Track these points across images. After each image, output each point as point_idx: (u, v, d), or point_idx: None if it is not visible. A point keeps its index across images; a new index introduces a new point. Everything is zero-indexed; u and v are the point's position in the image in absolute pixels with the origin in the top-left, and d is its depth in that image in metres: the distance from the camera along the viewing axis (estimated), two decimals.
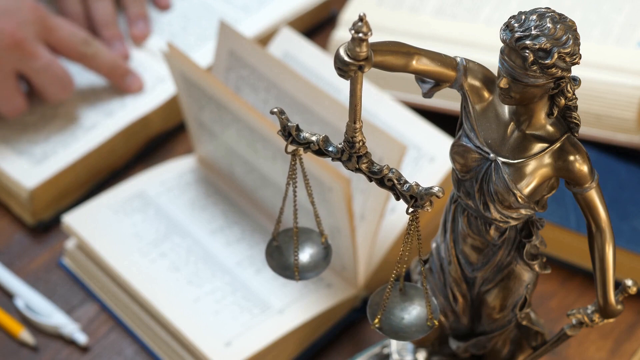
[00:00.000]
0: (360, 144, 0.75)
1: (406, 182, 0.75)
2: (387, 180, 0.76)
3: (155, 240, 1.10)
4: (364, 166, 0.76)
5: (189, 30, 1.27)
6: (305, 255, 0.86)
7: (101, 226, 1.11)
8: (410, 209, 0.76)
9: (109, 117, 1.19)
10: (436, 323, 0.80)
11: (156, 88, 1.22)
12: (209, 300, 1.05)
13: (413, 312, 0.81)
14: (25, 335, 1.07)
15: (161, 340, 1.05)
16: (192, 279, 1.07)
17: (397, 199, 0.76)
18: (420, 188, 0.75)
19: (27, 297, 1.09)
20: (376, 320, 0.80)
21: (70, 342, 1.07)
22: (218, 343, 1.02)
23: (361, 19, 0.68)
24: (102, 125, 1.18)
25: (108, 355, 1.06)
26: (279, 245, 0.86)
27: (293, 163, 0.80)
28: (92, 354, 1.07)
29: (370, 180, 0.77)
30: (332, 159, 0.77)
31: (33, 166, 1.15)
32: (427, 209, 0.75)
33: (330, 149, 0.77)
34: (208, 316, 1.04)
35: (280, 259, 0.85)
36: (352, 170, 0.77)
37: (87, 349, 1.07)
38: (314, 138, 0.77)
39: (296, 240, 0.85)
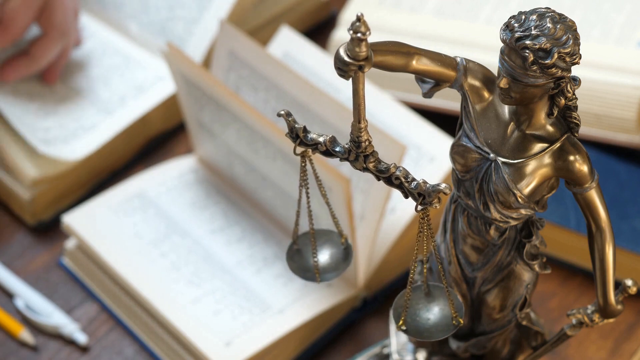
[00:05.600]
0: (367, 143, 0.76)
1: (413, 179, 0.76)
2: (395, 179, 0.76)
3: (155, 240, 1.10)
4: (371, 165, 0.77)
5: (175, 20, 1.25)
6: (325, 256, 0.86)
7: (101, 226, 1.11)
8: (420, 207, 0.76)
9: (109, 117, 1.19)
10: (461, 322, 0.80)
11: (156, 86, 1.21)
12: (209, 300, 1.05)
13: (438, 312, 0.81)
14: (25, 335, 1.07)
15: (161, 340, 1.05)
16: (192, 279, 1.07)
17: (406, 197, 0.76)
18: (427, 185, 0.75)
19: (27, 297, 1.09)
20: (401, 322, 0.80)
21: (70, 342, 1.07)
22: (218, 343, 1.02)
23: (359, 19, 0.68)
24: (102, 125, 1.18)
25: (108, 355, 1.06)
26: (300, 248, 0.86)
27: (303, 164, 0.80)
28: (92, 354, 1.07)
29: (378, 179, 0.77)
30: (340, 159, 0.77)
31: (33, 166, 1.15)
32: (436, 206, 0.75)
33: (337, 149, 0.77)
34: (208, 316, 1.04)
35: (301, 261, 0.86)
36: (359, 170, 0.77)
37: (87, 349, 1.07)
38: (321, 139, 0.77)
39: (313, 241, 0.85)
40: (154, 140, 1.23)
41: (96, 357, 1.06)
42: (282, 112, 0.77)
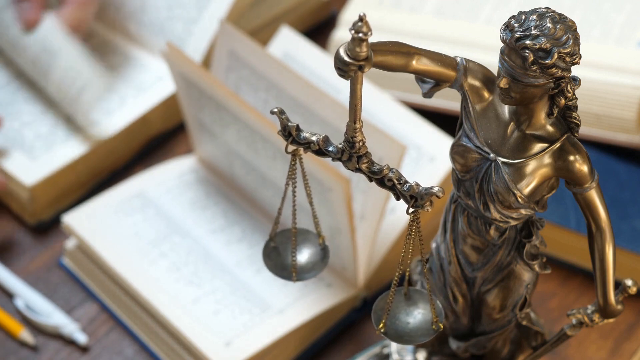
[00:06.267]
0: (361, 144, 0.76)
1: (406, 182, 0.75)
2: (387, 180, 0.76)
3: (155, 240, 1.10)
4: (364, 166, 0.76)
5: (174, 20, 1.25)
6: (303, 256, 0.86)
7: (101, 226, 1.11)
8: (411, 209, 0.76)
9: (109, 116, 1.19)
10: (441, 327, 0.80)
11: (156, 86, 1.21)
12: (209, 300, 1.05)
13: (418, 316, 0.81)
14: (25, 335, 1.07)
15: (161, 340, 1.05)
16: (192, 279, 1.07)
17: (398, 199, 0.76)
18: (420, 188, 0.75)
19: (27, 297, 1.09)
20: (381, 325, 0.80)
21: (70, 342, 1.07)
22: (218, 343, 1.02)
23: (361, 19, 0.68)
24: (102, 124, 1.18)
25: (108, 355, 1.06)
26: (277, 246, 0.86)
27: (293, 163, 0.80)
28: (92, 354, 1.07)
29: (371, 180, 0.77)
30: (333, 159, 0.77)
31: (33, 165, 1.15)
32: (428, 209, 0.75)
33: (330, 149, 0.77)
34: (208, 316, 1.04)
35: (277, 259, 0.85)
36: (352, 170, 0.77)
37: (87, 349, 1.07)
38: (314, 138, 0.77)
39: (294, 241, 0.85)
40: (154, 140, 1.23)
41: (96, 357, 1.06)
42: (276, 110, 0.77)
